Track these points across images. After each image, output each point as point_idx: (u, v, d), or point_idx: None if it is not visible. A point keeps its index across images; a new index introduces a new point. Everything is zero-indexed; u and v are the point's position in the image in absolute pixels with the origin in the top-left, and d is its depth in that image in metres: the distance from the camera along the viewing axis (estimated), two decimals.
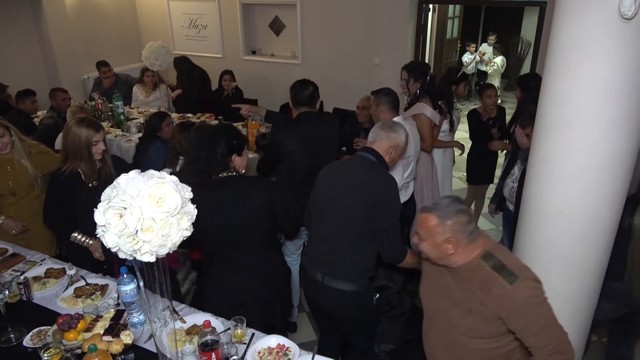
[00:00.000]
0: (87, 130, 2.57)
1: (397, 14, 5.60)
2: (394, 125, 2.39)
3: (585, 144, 1.77)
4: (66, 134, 2.61)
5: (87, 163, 2.61)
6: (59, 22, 6.24)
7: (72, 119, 2.67)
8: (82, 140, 2.56)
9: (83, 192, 2.60)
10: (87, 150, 2.58)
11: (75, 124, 2.59)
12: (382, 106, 3.09)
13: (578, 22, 1.67)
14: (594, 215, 1.86)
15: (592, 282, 2.01)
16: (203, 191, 2.27)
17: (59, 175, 2.61)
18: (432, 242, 1.65)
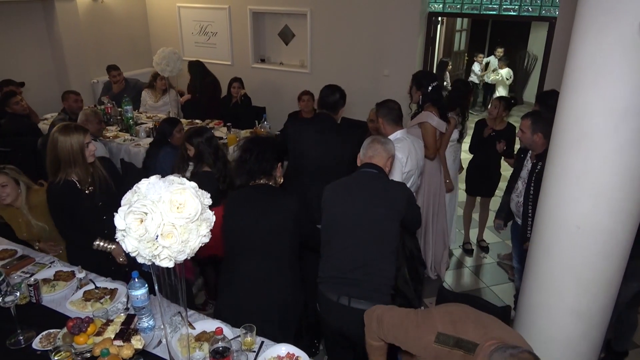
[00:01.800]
0: (77, 136, 2.52)
1: (407, 25, 5.64)
2: (384, 138, 2.52)
3: (602, 161, 1.77)
4: (54, 145, 2.53)
5: (81, 168, 2.56)
6: (71, 26, 6.30)
7: (55, 129, 2.59)
8: (74, 146, 2.52)
9: (81, 200, 2.57)
10: (81, 154, 2.54)
11: (61, 132, 2.53)
12: (381, 118, 3.13)
13: (597, 40, 1.68)
14: (609, 231, 1.85)
15: (606, 297, 2.00)
16: (240, 194, 2.36)
17: (53, 188, 2.56)
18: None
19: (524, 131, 2.94)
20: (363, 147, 2.48)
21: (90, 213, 2.55)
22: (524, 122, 2.93)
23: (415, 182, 3.20)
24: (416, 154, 3.10)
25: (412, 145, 3.08)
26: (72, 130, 2.54)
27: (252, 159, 2.33)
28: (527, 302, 2.15)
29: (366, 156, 2.44)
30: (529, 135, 2.89)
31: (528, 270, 2.15)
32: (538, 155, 2.93)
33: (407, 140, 3.09)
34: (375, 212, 2.28)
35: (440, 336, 1.59)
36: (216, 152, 3.13)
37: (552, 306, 2.05)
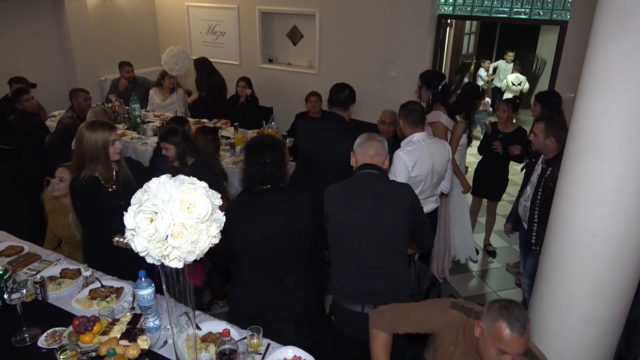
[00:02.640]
0: (102, 132, 2.51)
1: (416, 27, 5.61)
2: (379, 135, 2.46)
3: (619, 167, 1.74)
4: (80, 140, 2.53)
5: (104, 166, 2.55)
6: (80, 24, 6.32)
7: (83, 124, 2.60)
8: (99, 143, 2.51)
9: (103, 198, 2.55)
10: (104, 151, 2.52)
11: (88, 128, 2.53)
12: (402, 120, 3.13)
13: (618, 42, 1.64)
14: (625, 238, 1.82)
15: (620, 306, 1.96)
16: (249, 200, 2.29)
17: (76, 184, 2.55)
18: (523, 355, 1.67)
19: (536, 134, 2.89)
20: (360, 145, 2.38)
21: (111, 211, 2.51)
22: (537, 125, 2.89)
23: (429, 187, 3.10)
24: (431, 158, 3.01)
25: (427, 149, 2.99)
26: (98, 126, 2.53)
27: (271, 163, 2.23)
28: (539, 310, 2.11)
29: (367, 155, 2.35)
30: (542, 139, 2.85)
31: (540, 277, 2.12)
32: (548, 160, 2.88)
33: (424, 143, 3.01)
34: (384, 216, 2.22)
35: (454, 303, 1.90)
36: (195, 147, 3.22)
37: (565, 314, 2.02)
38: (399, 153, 2.97)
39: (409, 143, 3.03)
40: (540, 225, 2.83)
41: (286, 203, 2.29)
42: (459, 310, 1.87)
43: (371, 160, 2.33)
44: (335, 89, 3.25)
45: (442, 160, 3.09)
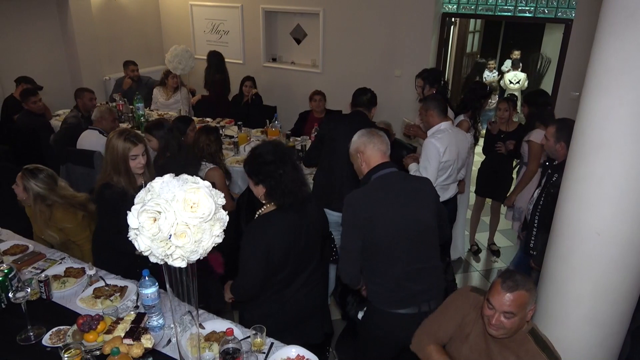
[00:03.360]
0: (124, 143, 2.49)
1: (420, 26, 5.59)
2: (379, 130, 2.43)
3: (624, 165, 1.72)
4: (107, 147, 2.53)
5: (125, 177, 2.51)
6: (84, 23, 6.33)
7: (114, 132, 2.58)
8: (119, 153, 2.49)
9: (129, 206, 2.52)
10: (124, 164, 2.50)
11: (116, 136, 2.52)
12: (431, 110, 3.30)
13: (623, 40, 1.63)
14: (630, 238, 1.80)
15: (625, 306, 1.95)
16: (291, 214, 2.17)
17: (106, 191, 2.51)
18: (522, 315, 1.76)
19: (547, 138, 2.82)
20: (368, 143, 2.27)
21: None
22: (549, 129, 2.82)
23: (454, 173, 3.39)
24: (457, 145, 3.29)
25: (454, 137, 3.27)
26: (123, 137, 2.51)
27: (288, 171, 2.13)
28: (543, 310, 2.10)
29: (380, 152, 2.25)
30: (552, 143, 2.78)
31: (544, 277, 2.11)
32: (555, 166, 2.81)
33: (451, 132, 3.28)
34: (422, 214, 2.20)
35: (474, 288, 2.05)
36: (179, 141, 3.34)
37: (569, 314, 2.01)
38: (431, 140, 3.22)
39: (438, 131, 3.27)
40: (539, 230, 2.81)
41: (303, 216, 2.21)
42: (478, 293, 2.00)
43: (386, 158, 2.26)
44: (359, 92, 3.41)
45: (465, 148, 3.41)
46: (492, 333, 1.81)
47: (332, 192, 3.29)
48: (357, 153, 2.31)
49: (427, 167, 3.22)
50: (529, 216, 2.95)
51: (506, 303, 1.73)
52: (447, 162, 3.26)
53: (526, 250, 2.94)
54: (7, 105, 4.99)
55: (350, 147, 2.35)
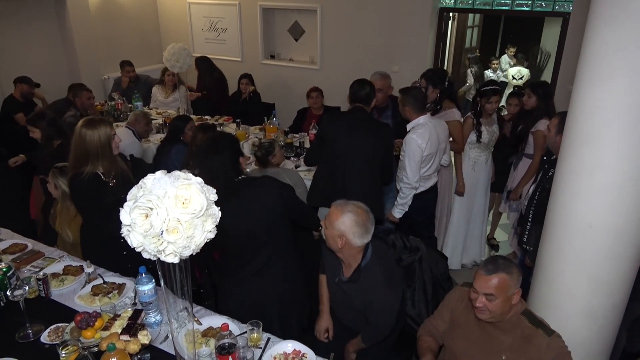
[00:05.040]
0: (104, 128, 2.53)
1: (418, 21, 5.59)
2: None
3: (616, 157, 1.73)
4: (82, 139, 2.51)
5: (109, 160, 2.56)
6: (82, 22, 6.34)
7: (80, 124, 2.59)
8: (102, 139, 2.52)
9: (105, 193, 2.54)
10: (109, 146, 2.55)
11: (87, 126, 2.52)
12: (407, 107, 3.31)
13: (611, 34, 1.63)
14: (622, 229, 1.81)
15: (618, 297, 1.96)
16: (226, 197, 2.32)
17: (77, 182, 2.53)
18: (504, 297, 1.82)
19: (550, 129, 2.80)
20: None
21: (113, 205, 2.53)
22: (552, 120, 2.81)
23: (436, 163, 3.46)
24: (437, 135, 3.33)
25: (433, 129, 3.30)
26: (97, 123, 2.55)
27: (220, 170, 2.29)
28: (538, 302, 2.11)
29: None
30: (553, 135, 2.76)
31: (538, 269, 2.12)
32: (552, 161, 2.78)
33: (429, 125, 3.30)
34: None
35: (465, 283, 2.11)
36: (64, 132, 3.56)
37: (563, 306, 2.02)
38: (411, 136, 3.24)
39: (418, 125, 3.29)
40: (533, 225, 2.81)
41: (257, 194, 2.35)
42: (468, 286, 2.05)
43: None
44: (357, 86, 3.32)
45: (445, 137, 3.47)
46: (480, 317, 1.88)
47: (334, 191, 3.27)
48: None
49: (409, 163, 3.24)
50: (524, 211, 2.96)
51: (486, 285, 1.80)
52: (429, 155, 3.31)
53: (520, 244, 2.95)
54: (6, 106, 5.01)
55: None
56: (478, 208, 4.09)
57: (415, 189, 3.34)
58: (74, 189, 2.60)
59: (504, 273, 1.79)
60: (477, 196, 4.04)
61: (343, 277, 2.26)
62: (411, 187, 3.30)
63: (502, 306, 1.81)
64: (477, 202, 4.07)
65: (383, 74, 4.04)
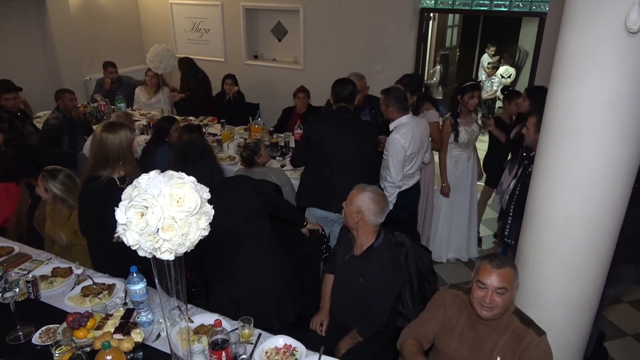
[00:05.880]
0: (124, 132, 2.53)
1: (399, 22, 5.68)
2: None
3: (590, 152, 1.81)
4: (103, 143, 2.50)
5: (130, 164, 2.56)
6: (63, 23, 6.26)
7: (99, 128, 2.58)
8: (124, 143, 2.52)
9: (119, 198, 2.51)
10: (130, 150, 2.55)
11: (109, 130, 2.52)
12: (391, 107, 3.40)
13: (585, 34, 1.72)
14: (596, 221, 1.90)
15: (594, 286, 2.05)
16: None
17: (93, 185, 2.50)
18: (512, 291, 1.90)
19: (528, 128, 2.86)
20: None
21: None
22: (530, 119, 2.86)
23: (418, 161, 3.57)
24: (420, 135, 3.44)
25: (415, 128, 3.41)
26: (118, 127, 2.55)
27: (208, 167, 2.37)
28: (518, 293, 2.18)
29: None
30: (532, 133, 2.81)
31: (519, 261, 2.20)
32: (531, 157, 2.82)
33: (411, 124, 3.40)
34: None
35: (451, 285, 2.20)
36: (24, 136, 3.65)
37: (542, 295, 2.11)
38: (395, 136, 3.33)
39: (400, 125, 3.38)
40: (514, 219, 2.89)
41: (240, 192, 2.42)
42: (456, 289, 2.15)
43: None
44: (340, 86, 3.36)
45: (426, 135, 3.59)
46: (485, 314, 1.90)
47: (322, 192, 3.33)
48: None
49: (392, 163, 3.32)
50: (505, 206, 3.05)
51: (498, 279, 1.85)
52: (412, 154, 3.41)
53: (502, 238, 3.04)
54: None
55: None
56: (462, 205, 4.18)
57: (399, 188, 3.41)
58: (86, 192, 2.56)
59: (510, 267, 1.88)
60: (460, 193, 4.13)
61: (355, 253, 2.43)
62: (395, 185, 3.38)
63: (508, 300, 1.89)
64: (461, 199, 4.15)
65: (359, 75, 4.17)
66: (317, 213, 3.39)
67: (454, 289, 2.15)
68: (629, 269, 2.58)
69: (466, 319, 2.04)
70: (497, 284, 1.85)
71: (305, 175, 3.50)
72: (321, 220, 3.38)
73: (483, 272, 1.90)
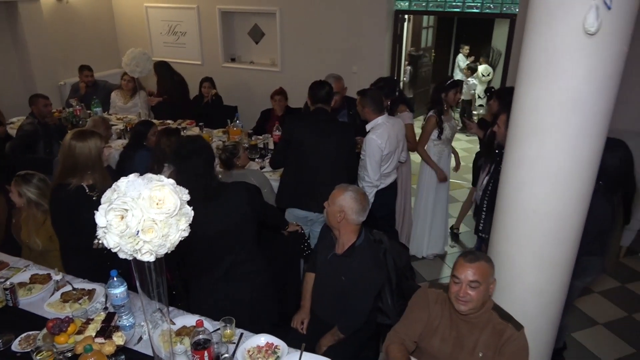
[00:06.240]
0: (94, 140, 2.53)
1: (374, 23, 5.76)
2: None
3: (554, 149, 1.90)
4: (72, 151, 2.50)
5: (99, 172, 2.56)
6: (35, 27, 6.16)
7: (69, 136, 2.56)
8: (93, 151, 2.51)
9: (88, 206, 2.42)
10: (99, 159, 2.55)
11: (79, 138, 2.51)
12: (367, 108, 3.47)
13: (546, 36, 1.81)
14: (562, 214, 2.00)
15: (562, 276, 2.15)
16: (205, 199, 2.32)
17: (62, 193, 2.50)
18: (486, 285, 1.95)
19: (499, 126, 2.92)
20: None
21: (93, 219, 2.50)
22: (501, 117, 2.93)
23: (394, 161, 3.65)
24: (396, 134, 3.53)
25: (391, 128, 3.48)
26: (88, 135, 2.55)
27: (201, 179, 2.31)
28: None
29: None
30: (503, 131, 2.86)
31: (491, 254, 2.28)
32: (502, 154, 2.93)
33: (388, 124, 3.48)
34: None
35: (431, 284, 2.24)
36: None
37: (513, 286, 2.19)
38: (371, 136, 3.40)
39: (376, 126, 3.46)
40: (487, 214, 2.97)
41: (226, 198, 2.39)
42: (437, 287, 2.18)
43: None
44: (317, 87, 3.40)
45: (402, 135, 3.67)
46: (461, 309, 1.96)
47: (301, 192, 3.37)
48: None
49: (370, 163, 3.39)
50: (479, 201, 3.14)
51: (471, 272, 1.92)
52: (388, 154, 3.49)
53: (476, 232, 3.14)
54: None
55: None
56: (442, 200, 4.29)
57: (376, 187, 3.48)
58: (55, 199, 2.56)
59: (484, 261, 1.95)
60: (441, 189, 4.23)
61: (336, 252, 2.48)
62: (373, 185, 3.45)
63: (483, 295, 1.94)
64: (442, 194, 4.26)
65: (336, 76, 4.23)
66: (297, 213, 3.43)
67: (435, 288, 2.18)
68: (595, 261, 2.69)
69: (448, 318, 2.09)
70: (470, 277, 1.91)
71: (285, 176, 3.54)
72: (301, 220, 3.43)
73: (458, 267, 1.97)
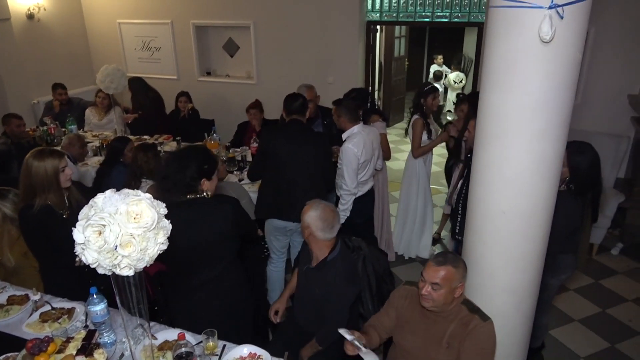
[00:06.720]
0: (51, 160, 2.47)
1: (347, 34, 5.88)
2: None
3: (518, 151, 1.99)
4: (28, 170, 2.47)
5: (56, 194, 2.50)
6: (6, 45, 6.07)
7: (29, 154, 2.53)
8: (49, 172, 2.46)
9: (58, 225, 2.45)
10: (55, 179, 2.49)
11: (36, 157, 2.48)
12: (342, 117, 3.55)
13: (506, 44, 1.90)
14: (529, 214, 2.08)
15: (532, 274, 2.23)
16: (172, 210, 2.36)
17: (28, 214, 2.47)
18: (448, 289, 2.02)
19: (469, 130, 3.03)
20: None
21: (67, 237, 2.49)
22: (471, 122, 3.02)
23: (371, 168, 3.72)
24: (371, 143, 3.60)
25: (366, 137, 3.55)
26: (46, 155, 2.49)
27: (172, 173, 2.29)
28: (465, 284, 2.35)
29: None
30: (473, 135, 2.89)
31: (464, 254, 2.36)
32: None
33: (362, 133, 3.54)
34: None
35: (407, 282, 2.34)
36: None
37: (487, 285, 2.27)
38: (347, 146, 3.46)
39: (352, 135, 3.53)
40: (463, 217, 3.06)
41: (207, 214, 2.34)
42: (410, 285, 2.29)
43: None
44: (291, 99, 3.47)
45: (377, 143, 3.74)
46: (424, 304, 2.06)
47: (280, 203, 3.40)
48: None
49: (347, 171, 3.46)
50: (454, 205, 3.23)
51: (434, 275, 2.00)
52: (365, 162, 3.56)
53: (453, 236, 3.22)
54: None
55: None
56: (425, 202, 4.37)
57: (354, 195, 3.54)
58: (22, 221, 2.53)
59: (451, 266, 2.01)
60: (425, 190, 4.32)
61: (311, 265, 2.54)
62: (350, 193, 3.51)
63: (445, 297, 2.02)
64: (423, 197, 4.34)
65: (308, 85, 4.34)
66: (276, 224, 3.47)
67: (408, 285, 2.30)
68: (568, 258, 2.79)
69: (418, 312, 2.18)
70: (432, 279, 2.01)
71: (263, 187, 3.57)
72: (280, 230, 3.46)
73: (426, 267, 2.08)
